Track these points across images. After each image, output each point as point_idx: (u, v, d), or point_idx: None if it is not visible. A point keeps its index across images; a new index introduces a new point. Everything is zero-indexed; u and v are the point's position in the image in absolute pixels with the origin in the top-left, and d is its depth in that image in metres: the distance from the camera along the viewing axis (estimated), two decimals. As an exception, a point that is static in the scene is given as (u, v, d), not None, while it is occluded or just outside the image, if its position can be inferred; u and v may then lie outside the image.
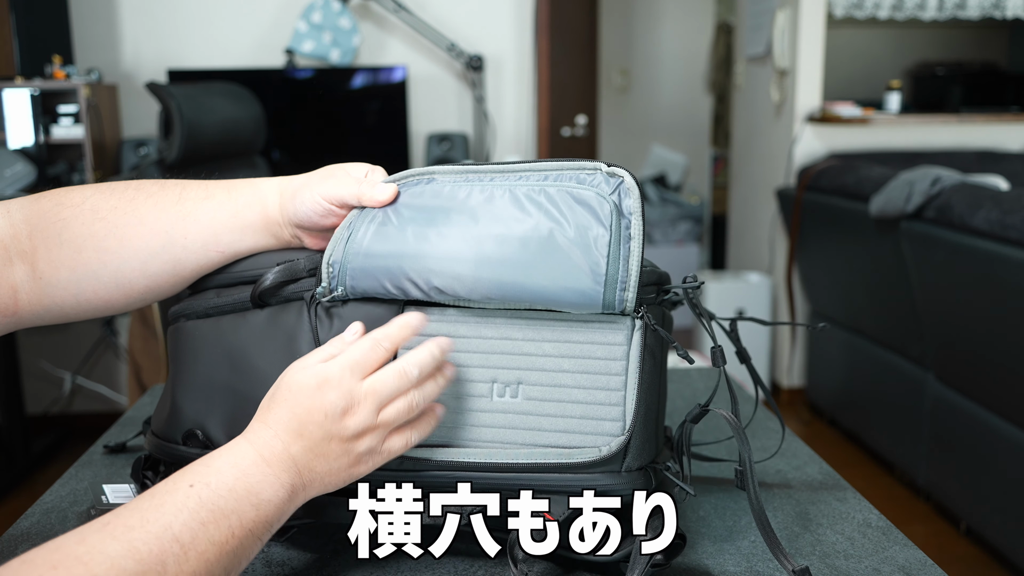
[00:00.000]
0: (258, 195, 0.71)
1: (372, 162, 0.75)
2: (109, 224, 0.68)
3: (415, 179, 0.69)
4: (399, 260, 0.66)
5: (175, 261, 0.70)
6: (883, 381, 2.83)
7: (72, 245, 0.68)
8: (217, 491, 0.56)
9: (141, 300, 0.72)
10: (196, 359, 0.72)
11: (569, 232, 0.64)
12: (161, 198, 0.70)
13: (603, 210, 0.64)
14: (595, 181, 0.66)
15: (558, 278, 0.64)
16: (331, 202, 0.69)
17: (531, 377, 0.68)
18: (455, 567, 0.72)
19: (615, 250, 0.64)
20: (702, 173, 5.86)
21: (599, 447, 0.67)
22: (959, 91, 3.92)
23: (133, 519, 0.52)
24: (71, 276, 0.68)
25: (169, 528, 0.52)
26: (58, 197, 0.70)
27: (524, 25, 3.55)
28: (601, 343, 0.67)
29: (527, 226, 0.64)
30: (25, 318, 0.70)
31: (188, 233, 0.69)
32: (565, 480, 0.67)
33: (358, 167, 0.71)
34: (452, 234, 0.65)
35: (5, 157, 2.80)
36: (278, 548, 0.75)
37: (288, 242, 0.73)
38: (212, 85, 2.64)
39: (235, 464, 0.58)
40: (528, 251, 0.64)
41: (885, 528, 0.79)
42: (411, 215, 0.67)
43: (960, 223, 2.22)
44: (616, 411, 0.67)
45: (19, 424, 2.91)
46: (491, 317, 0.68)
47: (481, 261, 0.64)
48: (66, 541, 0.51)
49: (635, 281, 0.64)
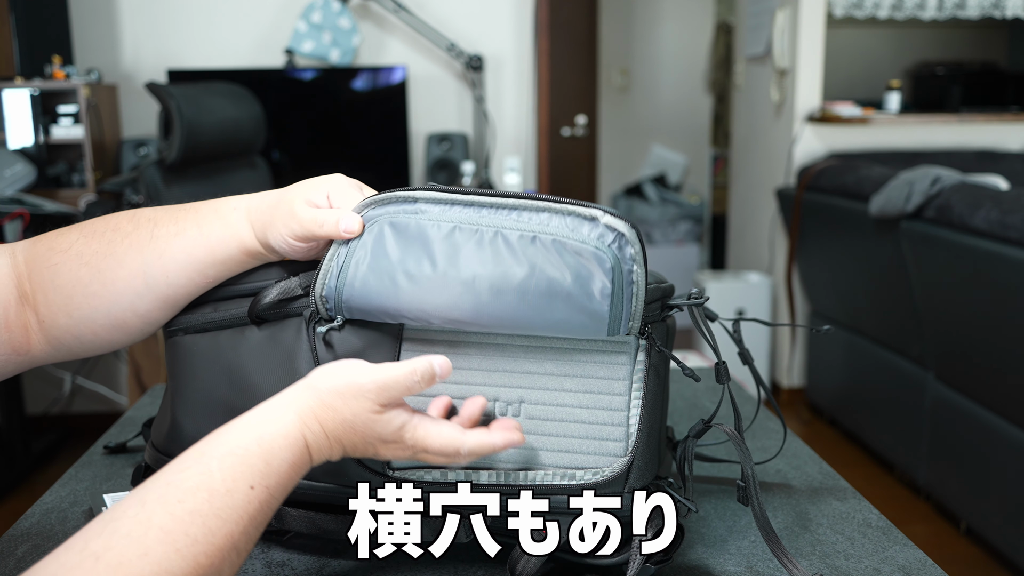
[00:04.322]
0: (228, 228, 0.69)
1: (372, 162, 0.74)
2: (93, 269, 0.68)
3: (397, 203, 0.66)
4: (396, 304, 0.64)
5: (163, 298, 0.70)
6: (883, 381, 2.83)
7: (63, 291, 0.68)
8: (275, 495, 0.55)
9: (142, 334, 0.72)
10: (195, 375, 0.72)
11: (567, 283, 0.62)
12: (136, 238, 0.69)
13: (604, 265, 0.62)
14: (593, 231, 0.63)
15: (560, 322, 0.63)
16: (301, 241, 0.67)
17: (533, 396, 0.67)
18: (455, 567, 0.72)
19: (618, 296, 0.62)
20: (702, 173, 5.86)
21: (602, 468, 0.66)
22: (959, 91, 3.92)
23: (195, 528, 0.49)
24: (68, 320, 0.69)
25: (231, 538, 0.51)
26: (50, 241, 0.70)
27: (524, 25, 3.54)
28: (604, 363, 0.66)
29: (522, 275, 0.62)
30: (38, 357, 0.71)
31: (168, 272, 0.69)
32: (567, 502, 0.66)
33: (317, 190, 0.68)
34: (446, 284, 0.63)
35: (5, 157, 2.80)
36: (278, 548, 0.75)
37: (275, 261, 0.72)
38: (212, 85, 2.64)
39: (293, 465, 0.57)
40: (527, 301, 0.62)
41: (885, 528, 0.79)
42: (400, 257, 0.64)
43: (960, 223, 2.22)
44: (619, 431, 0.66)
45: (19, 424, 2.91)
46: (493, 335, 0.67)
47: (479, 310, 0.63)
48: (126, 551, 0.46)
49: (640, 314, 0.63)
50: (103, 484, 0.88)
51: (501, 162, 3.58)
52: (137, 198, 2.63)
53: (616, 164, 5.79)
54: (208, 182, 2.55)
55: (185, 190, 2.43)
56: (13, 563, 0.72)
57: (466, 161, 3.34)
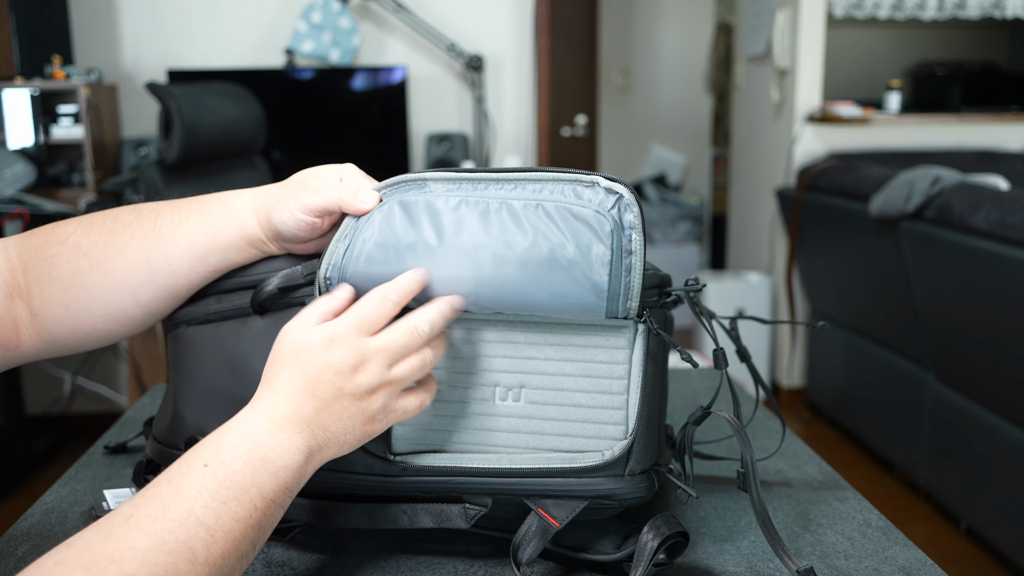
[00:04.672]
0: (232, 215, 0.69)
1: (372, 162, 0.74)
2: (92, 259, 0.68)
3: (407, 185, 0.67)
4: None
5: (166, 287, 0.70)
6: (883, 381, 2.83)
7: (60, 283, 0.68)
8: (232, 467, 0.55)
9: (143, 325, 0.72)
10: (197, 365, 0.72)
11: (569, 250, 0.62)
12: (138, 227, 0.69)
13: (603, 228, 0.63)
14: (594, 196, 0.64)
15: (560, 295, 0.63)
16: (311, 214, 0.66)
17: (533, 381, 0.67)
18: (455, 567, 0.72)
19: (616, 266, 0.63)
20: (702, 173, 5.86)
21: (602, 451, 0.67)
22: (959, 91, 3.92)
23: (155, 508, 0.52)
24: (64, 312, 0.69)
25: (192, 513, 0.52)
26: (46, 234, 0.70)
27: (524, 25, 3.54)
28: (603, 347, 0.67)
29: (525, 244, 0.63)
30: (28, 352, 0.70)
31: (171, 260, 0.69)
32: (568, 485, 0.67)
33: (329, 171, 0.68)
34: (449, 255, 0.63)
35: (5, 157, 2.80)
36: (278, 548, 0.75)
37: (277, 253, 0.71)
38: (212, 85, 2.64)
39: (246, 435, 0.57)
40: (528, 271, 0.63)
41: (885, 528, 0.79)
42: (405, 233, 0.64)
43: (960, 223, 2.22)
44: (619, 415, 0.67)
45: (19, 424, 2.91)
46: (492, 320, 0.67)
47: (481, 281, 0.63)
48: (93, 539, 0.50)
49: (637, 291, 0.64)
50: (103, 484, 0.88)
51: (501, 162, 3.58)
52: (137, 198, 2.63)
53: (616, 164, 5.79)
54: (208, 182, 2.55)
55: (185, 190, 2.43)
56: (13, 563, 0.72)
57: (466, 161, 3.34)
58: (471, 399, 0.68)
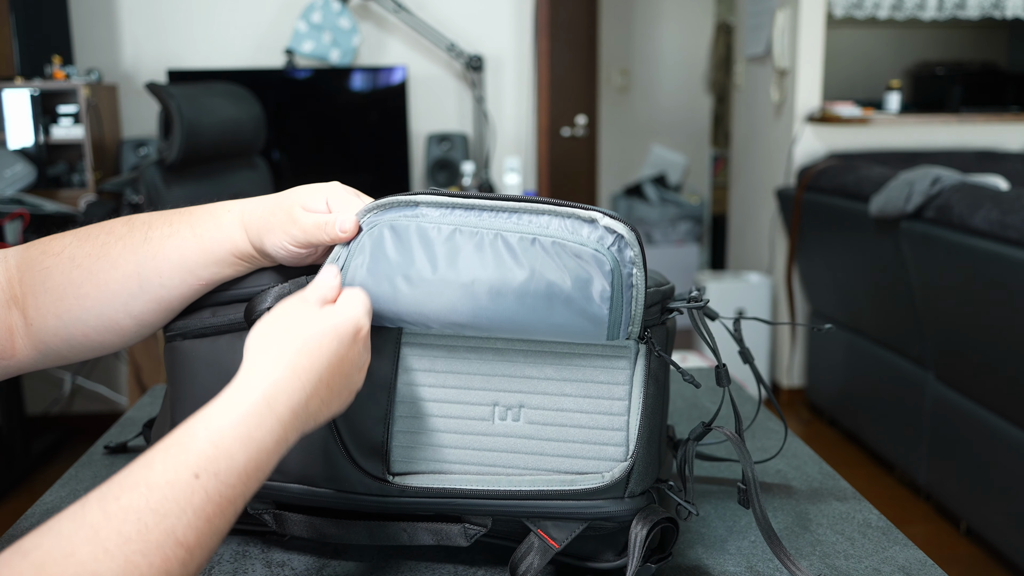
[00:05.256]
0: (222, 231, 0.69)
1: (372, 162, 0.74)
2: (85, 271, 0.69)
3: (399, 207, 0.65)
4: (395, 308, 0.64)
5: (157, 299, 0.70)
6: (883, 381, 2.83)
7: (54, 293, 0.69)
8: (227, 481, 0.49)
9: (136, 336, 0.72)
10: (194, 380, 0.72)
11: (567, 285, 0.62)
12: (130, 240, 0.69)
13: (603, 267, 0.62)
14: (592, 233, 0.63)
15: (559, 325, 0.63)
16: (299, 247, 0.66)
17: (533, 401, 0.67)
18: (455, 568, 0.72)
19: (617, 300, 0.62)
20: (702, 173, 5.86)
21: (602, 473, 0.66)
22: (959, 91, 3.92)
23: (129, 527, 0.45)
24: (58, 323, 0.69)
25: (172, 534, 0.46)
26: (43, 245, 0.70)
27: (524, 25, 3.54)
28: (604, 367, 0.66)
29: (522, 278, 0.62)
30: (24, 362, 0.70)
31: (161, 273, 0.69)
32: (568, 507, 0.66)
33: (315, 196, 0.67)
34: (444, 286, 0.63)
35: (5, 157, 2.80)
36: (278, 548, 0.75)
37: (269, 266, 0.71)
38: (212, 85, 2.64)
39: (250, 439, 0.51)
40: (526, 304, 0.62)
41: (885, 528, 0.79)
42: (399, 261, 0.63)
43: (960, 223, 2.22)
44: (619, 436, 0.66)
45: (19, 424, 2.91)
46: (492, 340, 0.67)
47: (478, 313, 0.63)
48: (51, 554, 0.43)
49: (639, 319, 0.63)
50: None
51: (501, 162, 3.58)
52: (137, 198, 2.63)
53: (616, 164, 5.79)
54: (208, 182, 2.55)
55: (185, 190, 2.43)
56: (13, 563, 0.72)
57: (466, 161, 3.34)
58: (470, 418, 0.67)
